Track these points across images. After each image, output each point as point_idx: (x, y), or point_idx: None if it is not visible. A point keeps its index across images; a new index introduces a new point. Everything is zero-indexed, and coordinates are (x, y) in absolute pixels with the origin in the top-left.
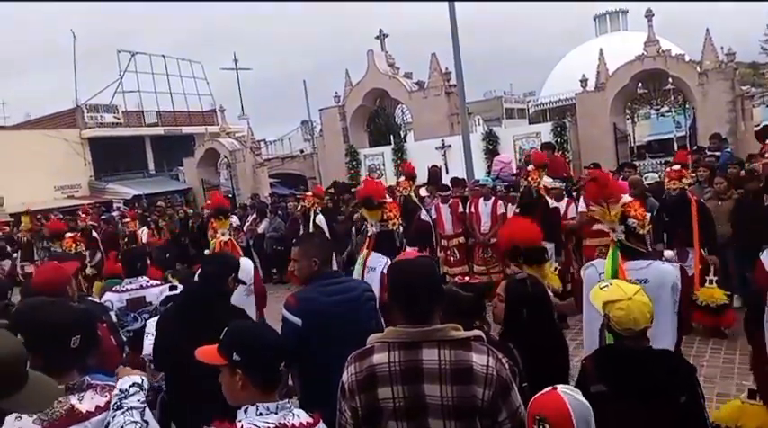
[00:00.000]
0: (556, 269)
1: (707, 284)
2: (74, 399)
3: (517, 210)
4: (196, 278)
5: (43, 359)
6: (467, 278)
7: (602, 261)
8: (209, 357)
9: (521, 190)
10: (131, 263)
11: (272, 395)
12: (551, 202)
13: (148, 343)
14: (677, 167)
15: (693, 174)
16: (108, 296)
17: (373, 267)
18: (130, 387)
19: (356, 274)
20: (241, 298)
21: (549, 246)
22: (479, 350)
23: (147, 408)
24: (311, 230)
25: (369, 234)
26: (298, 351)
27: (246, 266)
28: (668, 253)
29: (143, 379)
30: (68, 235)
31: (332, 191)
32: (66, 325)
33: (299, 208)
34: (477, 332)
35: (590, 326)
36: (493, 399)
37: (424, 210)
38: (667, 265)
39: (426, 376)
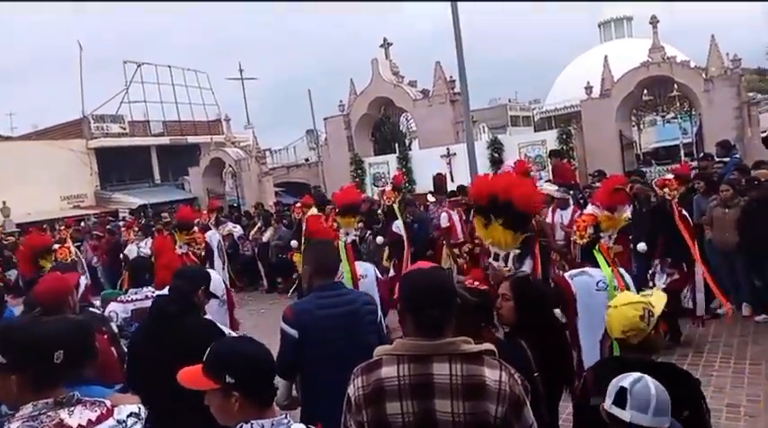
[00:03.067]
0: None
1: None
2: (63, 414)
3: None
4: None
5: (28, 376)
6: (476, 283)
7: (595, 269)
8: (197, 382)
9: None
10: (138, 273)
11: (270, 410)
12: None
13: None
14: (670, 176)
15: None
16: (112, 306)
17: (364, 274)
18: (128, 417)
19: (348, 285)
20: (217, 312)
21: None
22: (492, 364)
23: None
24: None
25: (347, 241)
26: (296, 363)
27: (216, 279)
28: (641, 245)
29: (140, 408)
30: (56, 246)
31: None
32: (46, 342)
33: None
34: (488, 345)
35: (587, 333)
36: (505, 416)
37: (398, 222)
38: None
39: (437, 391)
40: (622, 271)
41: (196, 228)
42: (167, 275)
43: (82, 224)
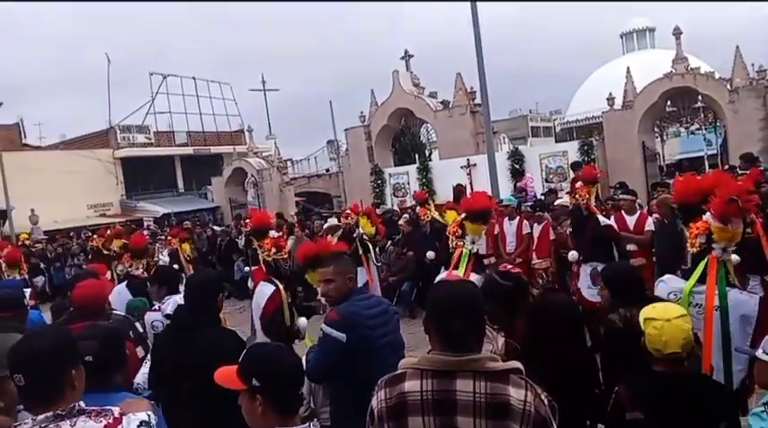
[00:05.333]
0: None
1: None
2: (65, 426)
3: (569, 231)
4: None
5: (38, 389)
6: (509, 266)
7: (677, 278)
8: (229, 381)
9: (569, 208)
10: (171, 280)
11: (291, 419)
12: (602, 219)
13: (144, 371)
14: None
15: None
16: (153, 316)
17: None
18: (138, 427)
19: None
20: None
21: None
22: (517, 383)
23: None
24: None
25: (473, 250)
26: (338, 368)
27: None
28: (572, 254)
29: (150, 415)
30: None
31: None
32: (53, 356)
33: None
34: (515, 363)
35: None
36: None
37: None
38: (744, 295)
39: (460, 408)
40: (733, 293)
41: (274, 233)
42: None
43: (108, 232)
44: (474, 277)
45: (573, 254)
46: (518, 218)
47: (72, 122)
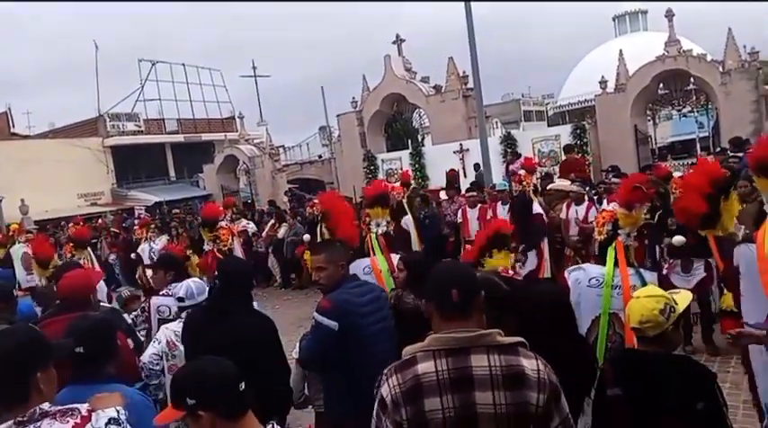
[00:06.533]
0: None
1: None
2: None
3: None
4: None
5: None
6: (511, 272)
7: (593, 265)
8: (167, 417)
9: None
10: (176, 266)
11: (243, 421)
12: (535, 208)
13: (151, 351)
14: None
15: None
16: (161, 300)
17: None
18: (107, 425)
19: (386, 277)
20: None
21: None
22: (527, 355)
23: None
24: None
25: (379, 233)
26: (331, 355)
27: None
28: (678, 238)
29: (119, 410)
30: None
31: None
32: (16, 358)
33: (308, 214)
34: (519, 338)
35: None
36: (546, 404)
37: (406, 217)
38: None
39: (477, 383)
40: (644, 271)
41: (223, 224)
42: None
43: (99, 221)
44: (395, 257)
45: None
46: (510, 202)
47: (60, 111)
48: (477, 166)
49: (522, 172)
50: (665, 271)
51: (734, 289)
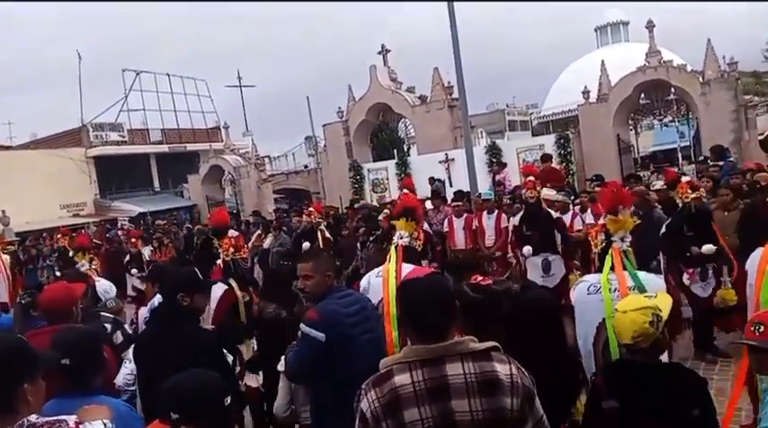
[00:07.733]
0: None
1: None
2: None
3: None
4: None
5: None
6: (480, 278)
7: (592, 275)
8: None
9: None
10: (161, 278)
11: None
12: (554, 213)
13: (125, 372)
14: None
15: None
16: (143, 311)
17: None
18: None
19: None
20: None
21: (555, 258)
22: (500, 359)
23: None
24: (320, 245)
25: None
26: (318, 367)
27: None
28: (527, 249)
29: (106, 423)
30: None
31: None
32: (1, 370)
33: (303, 223)
34: (493, 342)
35: (584, 342)
36: (521, 408)
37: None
38: (651, 275)
39: (453, 391)
40: (642, 274)
41: (234, 232)
42: None
43: (82, 232)
44: (407, 267)
45: (528, 249)
46: (497, 212)
47: (43, 121)
48: (431, 180)
49: (530, 178)
50: (686, 281)
51: None
